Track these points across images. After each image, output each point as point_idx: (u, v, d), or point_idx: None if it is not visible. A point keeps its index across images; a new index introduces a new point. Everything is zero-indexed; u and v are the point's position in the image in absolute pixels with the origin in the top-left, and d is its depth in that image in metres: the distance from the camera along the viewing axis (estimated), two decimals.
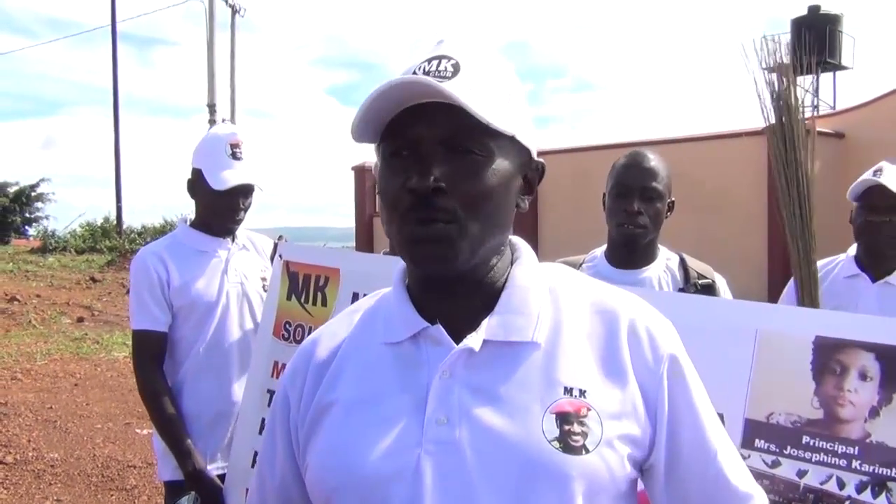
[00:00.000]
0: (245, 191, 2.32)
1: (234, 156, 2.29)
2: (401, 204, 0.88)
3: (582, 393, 0.86)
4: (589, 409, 0.86)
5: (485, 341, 0.89)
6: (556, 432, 0.84)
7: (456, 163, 0.86)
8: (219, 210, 2.33)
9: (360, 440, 0.89)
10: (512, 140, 0.90)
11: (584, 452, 0.84)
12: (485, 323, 0.90)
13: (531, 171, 0.96)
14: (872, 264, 2.38)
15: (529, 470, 0.83)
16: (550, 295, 0.94)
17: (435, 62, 0.88)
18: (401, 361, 0.92)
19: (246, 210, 2.37)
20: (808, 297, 1.91)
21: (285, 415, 1.00)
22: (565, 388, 0.87)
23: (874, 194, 2.29)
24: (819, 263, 2.29)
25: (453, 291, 0.92)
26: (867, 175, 2.33)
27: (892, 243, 2.32)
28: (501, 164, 0.89)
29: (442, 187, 0.85)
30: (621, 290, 0.98)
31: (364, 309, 1.02)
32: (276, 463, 1.02)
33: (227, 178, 2.25)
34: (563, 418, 0.85)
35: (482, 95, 0.86)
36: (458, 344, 0.89)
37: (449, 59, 0.89)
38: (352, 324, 1.01)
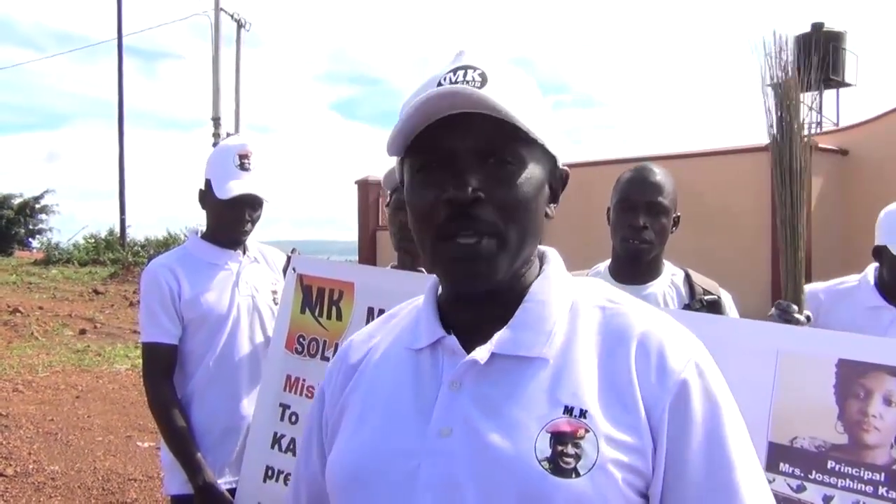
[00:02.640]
0: (252, 202, 2.31)
1: (242, 166, 2.28)
2: (436, 217, 0.87)
3: (583, 413, 0.83)
4: (587, 431, 0.82)
5: (494, 354, 0.88)
6: (548, 452, 0.82)
7: (491, 172, 0.86)
8: (225, 220, 2.33)
9: (368, 442, 0.91)
10: (541, 148, 0.90)
11: (573, 476, 0.81)
12: (496, 336, 0.89)
13: (555, 180, 0.95)
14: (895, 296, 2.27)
15: (516, 489, 0.81)
16: (571, 310, 0.92)
17: (461, 72, 0.88)
18: (418, 368, 0.93)
19: (254, 222, 2.36)
20: (791, 295, 1.95)
21: (320, 410, 1.04)
22: (566, 408, 0.84)
23: None
24: (825, 285, 2.35)
25: (478, 302, 0.92)
26: None
27: None
28: (533, 172, 0.89)
29: (481, 197, 0.85)
30: (646, 307, 0.94)
31: (400, 315, 1.04)
32: (311, 457, 1.05)
33: (232, 187, 2.25)
34: (558, 438, 0.82)
35: (513, 104, 0.86)
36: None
37: (474, 69, 0.88)
38: (385, 328, 1.04)
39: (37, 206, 27.79)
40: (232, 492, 2.15)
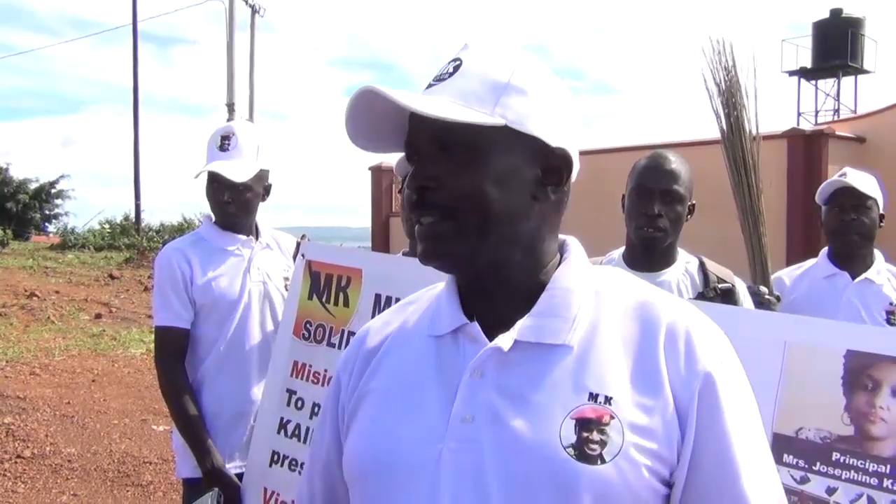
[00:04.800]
0: (229, 183, 2.26)
1: (221, 147, 2.28)
2: (408, 203, 0.93)
3: (608, 400, 0.83)
4: (612, 418, 0.83)
5: (517, 342, 0.88)
6: (573, 439, 0.82)
7: (446, 161, 0.89)
8: (210, 202, 2.34)
9: (389, 429, 0.91)
10: (511, 130, 0.88)
11: (598, 462, 0.81)
12: (519, 323, 0.89)
13: (554, 159, 0.91)
14: (849, 262, 2.48)
15: (540, 475, 0.82)
16: (595, 298, 0.91)
17: (445, 65, 0.92)
18: (440, 355, 0.93)
19: (238, 205, 2.31)
20: (760, 279, 2.14)
21: (336, 396, 1.03)
22: (591, 394, 0.84)
23: (843, 195, 2.44)
24: (788, 270, 2.62)
25: (488, 290, 0.93)
26: (834, 178, 2.51)
27: (861, 241, 2.45)
28: (497, 158, 0.88)
29: (429, 185, 0.89)
30: (671, 296, 0.94)
31: (418, 301, 1.04)
32: (324, 443, 1.05)
33: (204, 167, 2.26)
34: (583, 425, 0.83)
35: (467, 91, 0.88)
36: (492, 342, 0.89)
37: (456, 60, 0.91)
38: (404, 315, 1.03)
39: (52, 190, 27.99)
40: (241, 476, 2.17)
